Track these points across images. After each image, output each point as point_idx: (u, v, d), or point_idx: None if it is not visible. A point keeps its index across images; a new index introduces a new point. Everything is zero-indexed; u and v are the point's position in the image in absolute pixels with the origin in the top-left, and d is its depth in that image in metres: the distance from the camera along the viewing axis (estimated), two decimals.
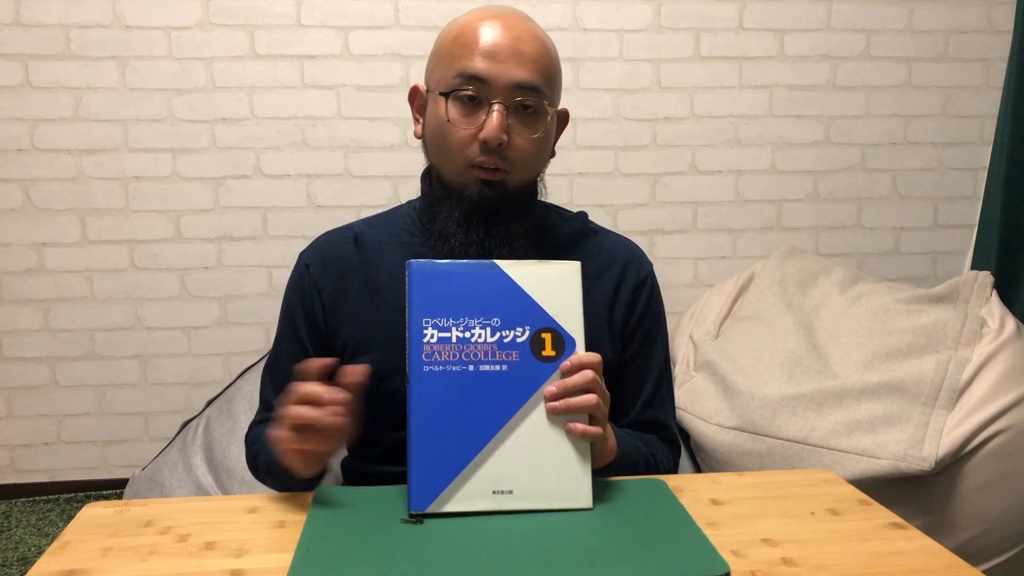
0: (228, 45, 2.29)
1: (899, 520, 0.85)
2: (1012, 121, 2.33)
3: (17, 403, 2.36)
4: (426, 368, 0.84)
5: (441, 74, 0.99)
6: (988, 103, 2.55)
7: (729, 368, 1.79)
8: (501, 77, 0.95)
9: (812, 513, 0.86)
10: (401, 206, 1.13)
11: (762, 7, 2.43)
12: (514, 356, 0.86)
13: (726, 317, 2.04)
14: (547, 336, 0.86)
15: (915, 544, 0.79)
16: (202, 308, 2.39)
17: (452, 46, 0.99)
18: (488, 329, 0.86)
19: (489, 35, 0.97)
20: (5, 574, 1.96)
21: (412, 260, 0.86)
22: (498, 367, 0.85)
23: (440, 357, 0.85)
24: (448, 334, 0.85)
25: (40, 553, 2.04)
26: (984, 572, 1.38)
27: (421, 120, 1.05)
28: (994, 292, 1.85)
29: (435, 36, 1.06)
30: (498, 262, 0.87)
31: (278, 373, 1.08)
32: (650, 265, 1.12)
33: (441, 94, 0.98)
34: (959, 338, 1.70)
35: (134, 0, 2.24)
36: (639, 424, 1.08)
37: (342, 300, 1.05)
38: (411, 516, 0.83)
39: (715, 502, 0.89)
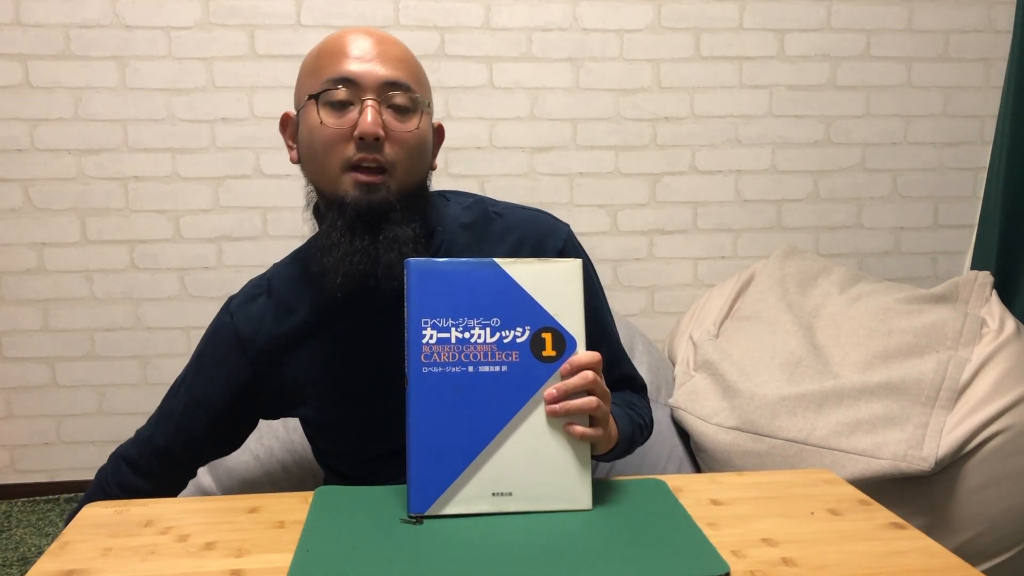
0: (228, 45, 2.29)
1: (899, 520, 0.85)
2: (1012, 121, 2.33)
3: (17, 403, 2.36)
4: (425, 369, 0.84)
5: (310, 85, 0.97)
6: (988, 103, 2.55)
7: (729, 368, 1.79)
8: (369, 76, 0.94)
9: (812, 513, 0.86)
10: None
11: (762, 7, 2.43)
12: (514, 357, 0.85)
13: (726, 317, 2.04)
14: (547, 336, 0.85)
15: (915, 544, 0.79)
16: (202, 308, 2.39)
17: (317, 59, 0.97)
18: (488, 329, 0.85)
19: (353, 41, 0.96)
20: (5, 574, 1.96)
21: (410, 259, 0.85)
22: (498, 368, 0.84)
23: (439, 358, 0.84)
24: (447, 335, 0.84)
25: (40, 553, 2.04)
26: (984, 572, 1.38)
27: (295, 145, 1.02)
28: (994, 292, 1.85)
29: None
30: (498, 260, 0.86)
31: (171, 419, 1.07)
32: (564, 229, 1.07)
33: (311, 97, 0.95)
34: (959, 338, 1.70)
35: (134, 0, 2.24)
36: (610, 385, 1.08)
37: (277, 351, 1.04)
38: (411, 517, 0.83)
39: (715, 502, 0.89)
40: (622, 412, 1.01)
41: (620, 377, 1.10)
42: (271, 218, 2.37)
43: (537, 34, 2.37)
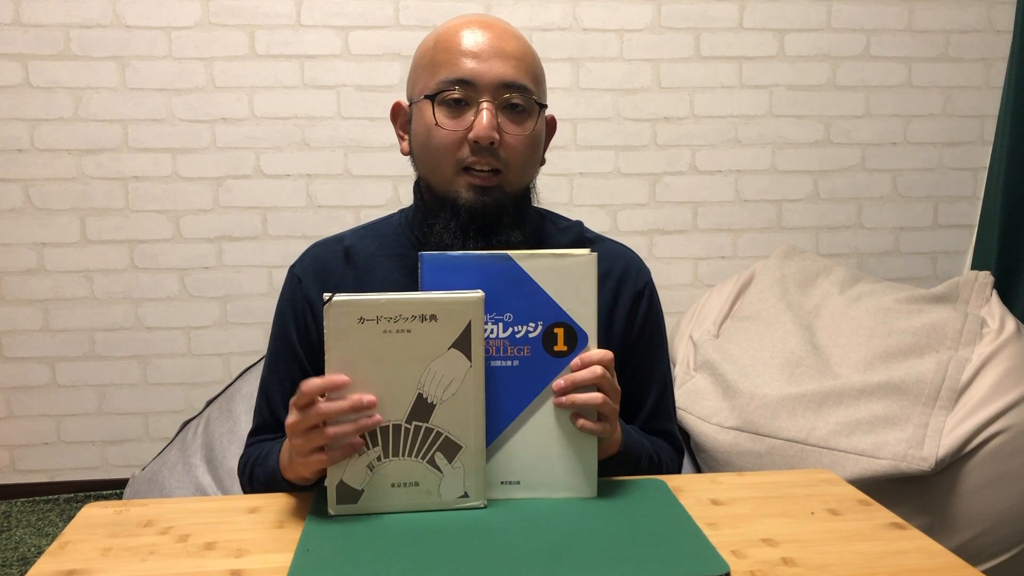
0: (228, 45, 2.29)
1: (899, 520, 0.85)
2: (1012, 121, 2.33)
3: (17, 403, 2.36)
4: None
5: (425, 82, 0.98)
6: (988, 103, 2.55)
7: (729, 368, 1.79)
8: (486, 76, 0.95)
9: (812, 513, 0.86)
10: (393, 215, 1.10)
11: (762, 7, 2.43)
12: (526, 352, 0.85)
13: (726, 317, 2.04)
14: (560, 331, 0.86)
15: (915, 544, 0.79)
16: (202, 308, 2.39)
17: (433, 53, 0.98)
18: (500, 324, 0.85)
19: (470, 38, 0.96)
20: (5, 574, 1.96)
21: (424, 252, 0.86)
22: (510, 363, 0.85)
23: None
24: None
25: (40, 553, 2.04)
26: (984, 572, 1.38)
27: (406, 136, 1.04)
28: (994, 292, 1.85)
29: None
30: (511, 253, 0.85)
31: (275, 390, 1.05)
32: (648, 272, 1.09)
33: (427, 97, 0.96)
34: (959, 338, 1.70)
35: (134, 0, 2.24)
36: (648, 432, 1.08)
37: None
38: None
39: (715, 502, 0.89)
40: (637, 435, 1.01)
41: (659, 431, 1.09)
42: (271, 218, 2.37)
43: (537, 34, 2.37)
